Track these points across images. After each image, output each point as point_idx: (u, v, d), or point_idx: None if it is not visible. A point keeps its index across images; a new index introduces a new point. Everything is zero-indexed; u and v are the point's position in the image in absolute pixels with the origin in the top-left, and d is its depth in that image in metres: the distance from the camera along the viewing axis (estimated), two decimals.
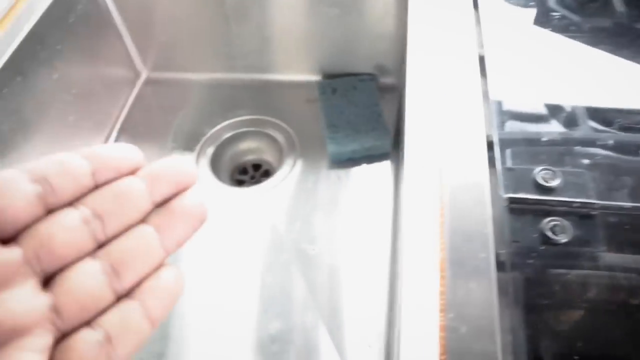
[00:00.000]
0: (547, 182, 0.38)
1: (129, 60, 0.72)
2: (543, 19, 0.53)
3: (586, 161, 0.39)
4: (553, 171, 0.38)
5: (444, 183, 0.39)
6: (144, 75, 0.75)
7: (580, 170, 0.39)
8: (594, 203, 0.37)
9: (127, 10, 0.68)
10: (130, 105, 0.72)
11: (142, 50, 0.73)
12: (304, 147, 0.66)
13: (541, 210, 0.37)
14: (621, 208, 0.37)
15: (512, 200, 0.37)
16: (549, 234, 0.35)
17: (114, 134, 0.69)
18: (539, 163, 0.39)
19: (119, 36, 0.69)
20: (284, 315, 0.54)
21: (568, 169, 0.39)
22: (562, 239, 0.35)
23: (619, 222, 0.37)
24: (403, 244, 0.37)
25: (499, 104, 0.44)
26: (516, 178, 0.38)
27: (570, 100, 0.46)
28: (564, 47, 0.51)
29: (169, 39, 0.72)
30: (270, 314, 0.54)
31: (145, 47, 0.72)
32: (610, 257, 0.35)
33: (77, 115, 0.62)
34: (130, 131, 0.70)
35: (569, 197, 0.37)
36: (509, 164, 0.39)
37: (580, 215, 0.36)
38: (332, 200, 0.61)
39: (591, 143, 0.41)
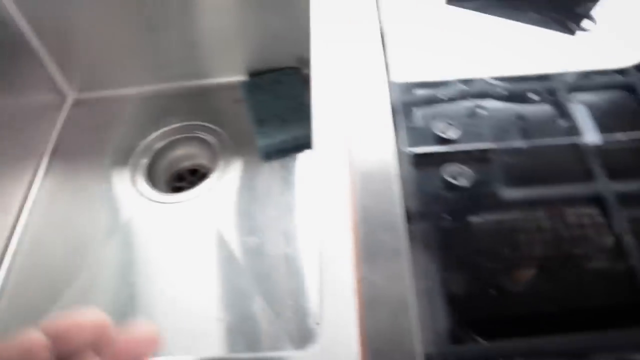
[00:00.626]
0: (446, 134, 0.40)
1: (52, 84, 0.72)
2: None
3: (482, 112, 0.42)
4: (452, 124, 0.40)
5: (352, 150, 0.41)
6: (71, 98, 0.75)
7: (476, 120, 0.41)
8: (491, 147, 0.39)
9: (44, 33, 0.68)
10: (60, 129, 0.72)
11: (66, 73, 0.73)
12: (236, 146, 0.67)
13: (443, 160, 0.39)
14: (515, 149, 0.39)
15: (416, 155, 0.39)
16: (451, 180, 0.37)
17: (46, 159, 0.69)
18: (438, 119, 0.41)
19: (39, 60, 0.69)
20: (233, 306, 0.55)
21: (466, 120, 0.41)
22: (464, 183, 0.37)
23: (515, 162, 0.39)
24: (317, 209, 0.38)
25: (400, 72, 0.46)
26: (418, 134, 0.40)
27: (467, 65, 0.48)
28: (458, 16, 0.54)
29: (93, 58, 0.72)
30: (220, 306, 0.55)
31: (68, 69, 0.72)
32: (509, 193, 0.37)
33: (3, 144, 0.62)
34: (64, 154, 0.70)
35: (467, 145, 0.39)
36: (411, 123, 0.41)
37: (479, 160, 0.39)
38: (267, 193, 0.62)
39: (485, 95, 0.43)
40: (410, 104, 0.43)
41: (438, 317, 0.33)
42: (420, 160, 0.39)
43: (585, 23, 0.58)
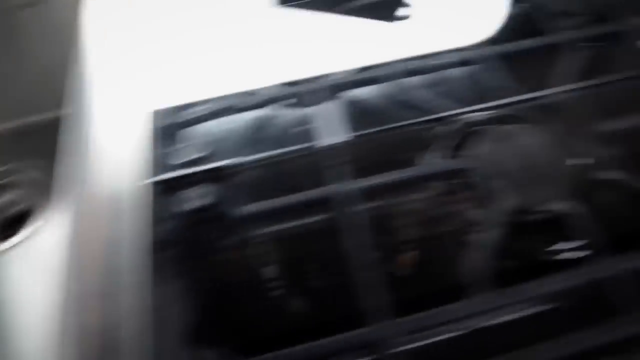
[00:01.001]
0: (195, 155, 0.40)
1: None
2: None
3: (231, 126, 0.42)
4: (202, 144, 0.40)
5: (103, 183, 0.40)
6: None
7: (225, 136, 0.41)
8: (236, 163, 0.39)
9: None
10: None
11: None
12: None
13: (189, 183, 0.39)
14: (262, 161, 0.39)
15: (162, 182, 0.39)
16: (194, 203, 0.37)
17: None
18: (192, 140, 0.41)
19: None
20: None
21: (215, 138, 0.41)
22: (207, 204, 0.37)
23: (261, 174, 0.39)
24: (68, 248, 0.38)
25: (167, 95, 0.45)
26: (168, 160, 0.40)
27: (254, 74, 0.48)
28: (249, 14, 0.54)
29: None
30: None
31: None
32: (251, 208, 0.37)
33: None
34: None
35: (214, 164, 0.39)
36: (163, 149, 0.41)
37: (224, 178, 0.39)
38: None
39: (237, 109, 0.43)
40: (168, 128, 0.42)
41: (171, 345, 0.33)
42: (167, 187, 0.39)
43: (402, 10, 0.59)
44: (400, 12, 0.59)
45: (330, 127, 0.41)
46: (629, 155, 0.43)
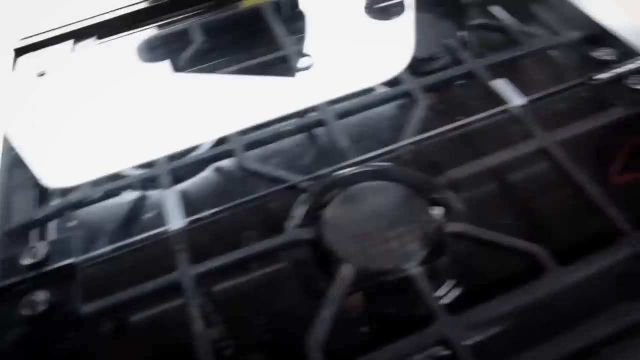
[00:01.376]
0: (32, 259, 0.38)
1: None
2: None
3: (74, 222, 0.41)
4: (40, 245, 0.39)
5: None
6: None
7: (67, 233, 0.40)
8: (74, 262, 0.38)
9: None
10: None
11: None
12: None
13: (25, 289, 0.37)
14: (101, 257, 0.38)
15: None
16: (27, 311, 0.36)
17: None
18: (30, 241, 0.40)
19: None
20: None
21: (59, 236, 0.40)
22: (42, 310, 0.36)
23: (100, 271, 0.38)
24: None
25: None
26: (6, 266, 0.39)
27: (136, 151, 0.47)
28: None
29: None
30: None
31: None
32: (89, 307, 0.36)
33: None
34: None
35: (50, 266, 0.38)
36: (6, 253, 0.40)
37: (62, 280, 0.38)
38: None
39: (91, 200, 0.42)
40: (13, 231, 0.42)
41: None
42: (6, 296, 0.37)
43: (303, 61, 0.58)
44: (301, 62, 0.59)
45: (165, 214, 0.40)
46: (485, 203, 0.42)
